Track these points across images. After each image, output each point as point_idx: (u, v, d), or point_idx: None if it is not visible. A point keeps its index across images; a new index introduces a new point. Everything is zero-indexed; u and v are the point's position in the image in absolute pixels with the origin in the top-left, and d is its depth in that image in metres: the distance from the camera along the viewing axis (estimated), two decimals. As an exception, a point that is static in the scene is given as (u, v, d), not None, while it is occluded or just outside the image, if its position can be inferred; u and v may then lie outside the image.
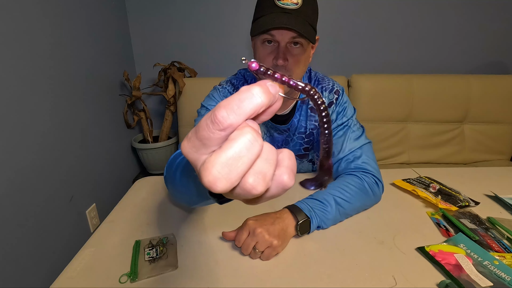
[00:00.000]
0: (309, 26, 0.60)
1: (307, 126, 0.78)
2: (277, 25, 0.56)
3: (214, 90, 0.78)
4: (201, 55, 1.90)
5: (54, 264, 1.13)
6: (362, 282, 0.47)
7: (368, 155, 0.72)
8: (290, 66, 0.63)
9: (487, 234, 0.57)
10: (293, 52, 0.63)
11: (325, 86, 0.77)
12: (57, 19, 1.18)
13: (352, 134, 0.73)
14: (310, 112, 0.77)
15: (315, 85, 0.77)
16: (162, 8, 1.79)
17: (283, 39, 0.61)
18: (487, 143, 1.63)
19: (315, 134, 0.79)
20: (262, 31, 0.58)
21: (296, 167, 0.83)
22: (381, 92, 1.57)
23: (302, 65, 0.65)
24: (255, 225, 0.54)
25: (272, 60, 0.63)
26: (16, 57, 0.98)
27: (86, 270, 0.50)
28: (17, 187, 0.97)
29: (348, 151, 0.71)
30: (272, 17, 0.58)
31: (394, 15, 1.81)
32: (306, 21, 0.59)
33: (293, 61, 0.63)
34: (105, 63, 1.55)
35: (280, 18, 0.57)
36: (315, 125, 0.78)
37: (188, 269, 0.50)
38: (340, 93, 0.76)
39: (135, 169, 1.93)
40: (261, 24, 0.59)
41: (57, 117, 1.17)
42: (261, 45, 0.64)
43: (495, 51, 1.88)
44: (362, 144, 0.73)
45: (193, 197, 0.41)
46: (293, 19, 0.57)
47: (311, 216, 0.57)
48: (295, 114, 0.77)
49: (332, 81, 0.78)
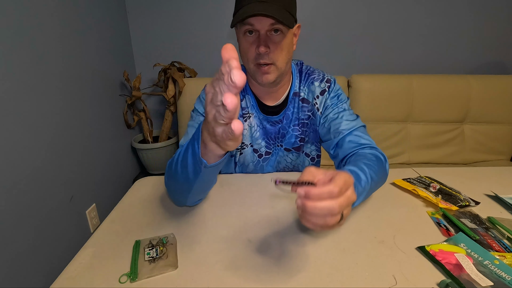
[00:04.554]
0: (286, 12, 0.62)
1: (300, 117, 0.80)
2: (254, 12, 0.58)
3: (203, 90, 0.79)
4: (201, 55, 1.90)
5: (54, 264, 1.13)
6: (362, 281, 0.47)
7: (368, 135, 0.74)
8: (272, 53, 0.65)
9: (487, 233, 0.57)
10: (274, 40, 0.64)
11: (316, 77, 0.79)
12: (57, 19, 1.18)
13: (350, 116, 0.76)
14: (301, 103, 0.79)
15: (306, 77, 0.79)
16: (162, 8, 1.80)
17: (263, 27, 0.63)
18: (487, 143, 1.63)
19: (310, 124, 0.80)
20: (240, 20, 0.60)
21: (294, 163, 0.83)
22: (381, 92, 1.57)
23: (285, 51, 0.66)
24: (350, 180, 0.38)
25: (255, 49, 0.65)
26: (16, 57, 0.98)
27: (86, 270, 0.50)
28: (17, 187, 0.97)
29: (348, 130, 0.73)
30: (250, 7, 0.60)
31: (394, 15, 1.81)
32: (283, 7, 0.61)
33: (275, 47, 0.65)
34: (105, 63, 1.55)
35: (257, 6, 0.59)
36: (309, 114, 0.79)
37: (188, 269, 0.50)
38: (331, 81, 0.78)
39: (135, 169, 1.93)
40: (240, 14, 0.61)
41: (57, 117, 1.17)
42: (243, 36, 0.66)
43: (495, 51, 1.88)
44: (360, 125, 0.75)
45: (190, 177, 0.51)
46: (269, 6, 0.59)
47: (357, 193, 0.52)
48: (288, 106, 0.78)
49: (323, 73, 0.80)
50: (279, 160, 0.86)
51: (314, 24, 1.83)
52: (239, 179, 0.82)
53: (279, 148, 0.83)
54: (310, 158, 0.86)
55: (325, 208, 0.35)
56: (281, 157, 0.85)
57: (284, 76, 0.73)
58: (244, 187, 0.78)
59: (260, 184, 0.79)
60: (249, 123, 0.79)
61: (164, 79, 1.71)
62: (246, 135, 0.81)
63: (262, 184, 0.79)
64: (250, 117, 0.79)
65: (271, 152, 0.83)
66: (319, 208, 0.35)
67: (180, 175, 0.54)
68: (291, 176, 0.53)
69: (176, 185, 0.59)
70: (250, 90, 0.78)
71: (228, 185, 0.79)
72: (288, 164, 0.87)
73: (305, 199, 0.35)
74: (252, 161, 0.84)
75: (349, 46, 1.88)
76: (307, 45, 1.85)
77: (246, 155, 0.83)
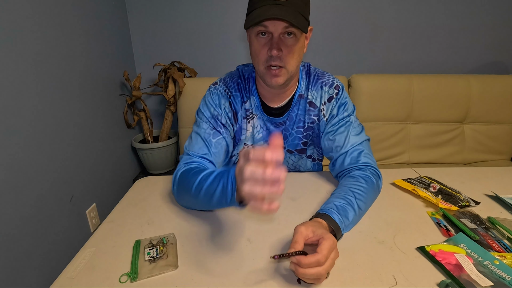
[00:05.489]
0: (301, 16, 0.61)
1: (305, 120, 0.79)
2: (269, 16, 0.58)
3: (208, 92, 0.79)
4: (201, 55, 1.90)
5: (54, 264, 1.13)
6: (362, 281, 0.47)
7: (369, 151, 0.75)
8: (284, 56, 0.64)
9: (487, 234, 0.57)
10: (286, 43, 0.64)
11: (325, 81, 0.78)
12: (57, 19, 1.18)
13: (354, 130, 0.76)
14: (308, 106, 0.78)
15: (315, 80, 0.78)
16: (162, 8, 1.80)
17: (276, 30, 0.62)
18: (487, 143, 1.63)
19: (315, 128, 0.80)
20: (255, 22, 0.60)
21: (296, 165, 0.83)
22: (381, 92, 1.57)
23: (296, 55, 0.66)
24: (334, 244, 0.46)
25: (267, 52, 0.64)
26: (16, 56, 0.98)
27: (86, 270, 0.50)
28: (17, 187, 0.97)
29: (350, 146, 0.74)
30: (264, 9, 0.59)
31: (394, 15, 1.81)
32: (298, 11, 0.61)
33: (287, 51, 0.64)
34: (105, 63, 1.55)
35: (272, 9, 0.59)
36: (314, 119, 0.79)
37: (188, 269, 0.50)
38: (340, 88, 0.77)
39: (135, 169, 1.93)
40: (254, 17, 0.60)
41: (57, 117, 1.17)
42: (255, 37, 0.65)
43: (495, 51, 1.88)
44: (363, 140, 0.75)
45: (213, 204, 0.54)
46: (284, 10, 0.59)
47: (343, 232, 0.57)
48: (293, 108, 0.78)
49: (332, 77, 0.79)
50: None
51: (314, 23, 1.82)
52: (239, 179, 0.81)
53: None
54: (311, 159, 0.86)
55: (314, 274, 0.43)
56: (283, 159, 0.84)
57: (293, 79, 0.73)
58: (244, 187, 0.77)
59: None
60: (252, 124, 0.79)
61: (164, 79, 1.71)
62: (248, 136, 0.81)
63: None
64: (254, 118, 0.78)
65: None
66: (309, 274, 0.43)
67: (201, 198, 0.56)
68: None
69: (191, 200, 0.62)
70: (256, 91, 0.77)
71: (228, 185, 0.79)
72: (290, 165, 0.87)
73: (297, 266, 0.43)
74: None
75: (349, 46, 1.88)
76: (308, 44, 1.85)
77: None
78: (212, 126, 0.74)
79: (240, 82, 0.77)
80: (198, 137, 0.73)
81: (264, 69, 0.67)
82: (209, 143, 0.72)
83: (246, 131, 0.79)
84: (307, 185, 0.78)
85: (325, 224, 0.54)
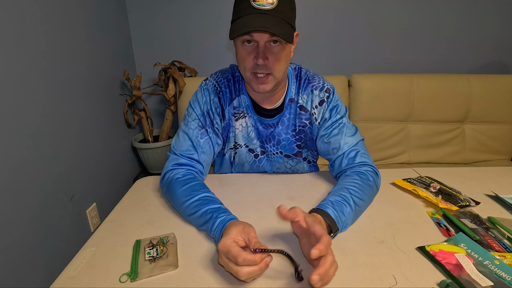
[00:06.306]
0: (287, 25, 0.61)
1: (296, 124, 0.79)
2: (254, 28, 0.57)
3: (199, 89, 0.78)
4: (201, 54, 1.90)
5: (54, 264, 1.13)
6: (362, 281, 0.47)
7: (365, 150, 0.76)
8: (271, 64, 0.64)
9: (487, 233, 0.57)
10: (272, 51, 0.64)
11: (316, 84, 0.77)
12: (58, 18, 1.18)
13: (348, 131, 0.76)
14: (299, 110, 0.78)
15: (305, 84, 0.78)
16: (163, 7, 1.80)
17: (262, 39, 0.62)
18: (488, 143, 1.63)
19: (307, 132, 0.80)
20: (240, 34, 0.59)
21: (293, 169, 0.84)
22: (381, 92, 1.57)
23: (283, 62, 0.66)
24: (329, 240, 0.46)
25: (253, 59, 0.64)
26: (16, 56, 0.98)
27: (86, 269, 0.50)
28: (18, 186, 0.97)
29: (347, 148, 0.74)
30: (249, 18, 0.58)
31: (394, 15, 1.81)
32: (283, 19, 0.60)
33: (273, 58, 0.64)
34: (105, 63, 1.55)
35: (258, 19, 0.58)
36: (306, 123, 0.79)
37: (188, 269, 0.50)
38: (331, 91, 0.77)
39: (135, 168, 1.93)
40: (239, 27, 0.59)
41: (57, 116, 1.17)
42: (241, 45, 0.65)
43: (495, 51, 1.88)
44: (358, 140, 0.76)
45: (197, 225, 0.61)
46: (270, 20, 0.58)
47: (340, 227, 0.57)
48: (284, 112, 0.78)
49: (323, 80, 0.79)
50: (278, 166, 0.86)
51: (314, 23, 1.82)
52: (239, 179, 0.82)
53: (278, 155, 0.83)
54: (307, 161, 0.87)
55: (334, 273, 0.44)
56: (281, 164, 0.85)
57: (281, 84, 0.73)
58: (244, 187, 0.78)
59: (260, 184, 0.79)
60: (245, 122, 0.79)
61: (165, 79, 1.71)
62: (239, 135, 0.80)
63: (262, 184, 0.79)
64: (245, 117, 0.78)
65: (266, 152, 0.83)
66: (332, 276, 0.44)
67: (188, 214, 0.62)
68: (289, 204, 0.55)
69: (177, 207, 0.66)
70: (246, 91, 0.77)
71: (228, 185, 0.79)
72: (288, 169, 0.87)
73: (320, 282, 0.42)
74: (248, 161, 0.84)
75: (350, 45, 1.88)
76: (308, 44, 1.85)
77: (241, 155, 0.83)
78: (201, 124, 0.74)
79: (231, 79, 0.78)
80: (186, 137, 0.74)
81: (251, 75, 0.67)
82: (197, 144, 0.73)
83: (235, 129, 0.79)
84: (306, 185, 0.78)
85: (320, 217, 0.54)
